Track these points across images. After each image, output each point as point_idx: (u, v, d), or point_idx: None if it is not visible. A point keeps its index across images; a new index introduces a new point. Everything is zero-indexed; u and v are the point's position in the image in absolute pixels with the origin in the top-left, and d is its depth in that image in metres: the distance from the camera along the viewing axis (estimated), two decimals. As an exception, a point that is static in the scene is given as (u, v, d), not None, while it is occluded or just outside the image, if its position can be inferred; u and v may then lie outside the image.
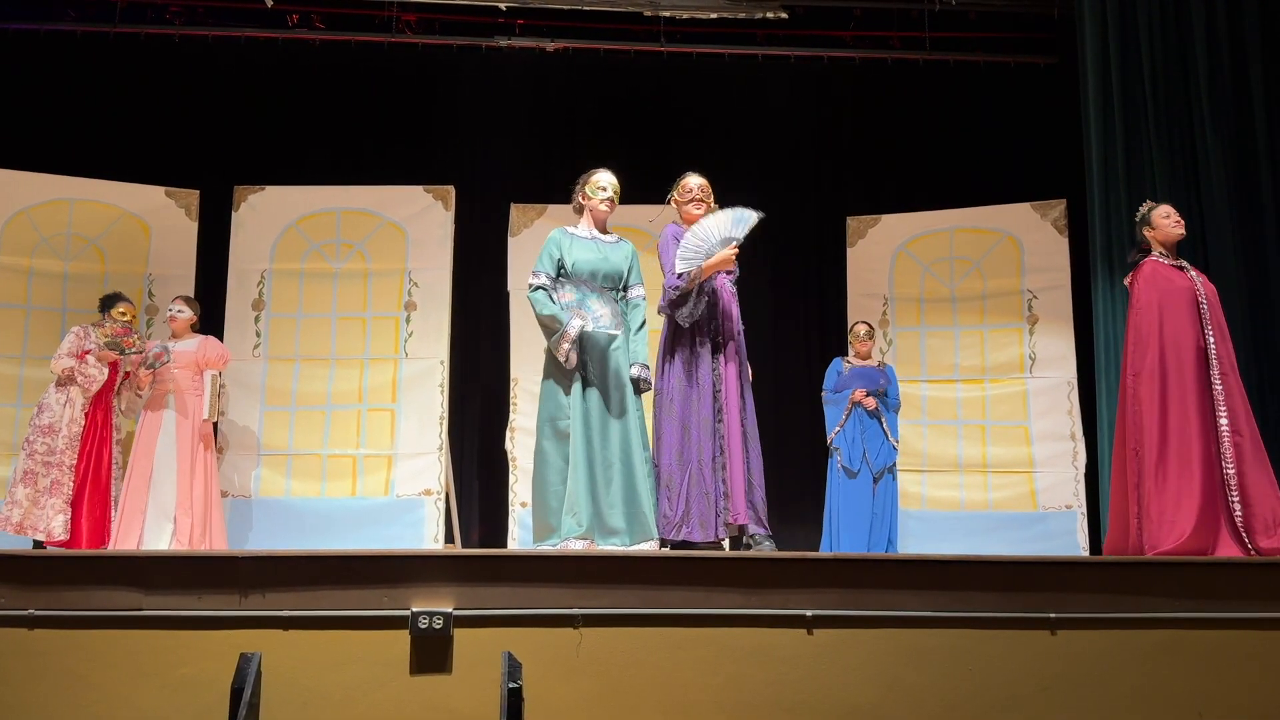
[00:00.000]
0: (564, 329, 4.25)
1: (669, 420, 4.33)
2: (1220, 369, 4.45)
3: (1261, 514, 4.31)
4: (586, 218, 4.51)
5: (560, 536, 4.14)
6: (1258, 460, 4.38)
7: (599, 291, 4.34)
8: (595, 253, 4.42)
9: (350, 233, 6.74)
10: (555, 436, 4.27)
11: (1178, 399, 4.44)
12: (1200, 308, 4.52)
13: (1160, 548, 4.31)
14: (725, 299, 4.44)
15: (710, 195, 4.54)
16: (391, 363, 6.56)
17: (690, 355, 4.35)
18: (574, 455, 4.19)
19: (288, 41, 7.65)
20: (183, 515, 5.67)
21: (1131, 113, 6.22)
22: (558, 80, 7.93)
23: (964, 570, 3.56)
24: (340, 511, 6.31)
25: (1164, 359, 4.48)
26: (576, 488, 4.16)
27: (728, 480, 4.25)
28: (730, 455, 4.27)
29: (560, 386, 4.30)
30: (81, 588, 3.44)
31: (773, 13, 7.39)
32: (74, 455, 5.65)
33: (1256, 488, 4.34)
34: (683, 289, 4.32)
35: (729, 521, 4.23)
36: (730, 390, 4.34)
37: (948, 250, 7.17)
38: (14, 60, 7.41)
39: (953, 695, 3.40)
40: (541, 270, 4.38)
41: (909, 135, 7.93)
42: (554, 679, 3.34)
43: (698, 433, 4.27)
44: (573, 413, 4.24)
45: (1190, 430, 4.40)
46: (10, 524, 5.52)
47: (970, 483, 6.86)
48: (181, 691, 3.32)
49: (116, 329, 5.81)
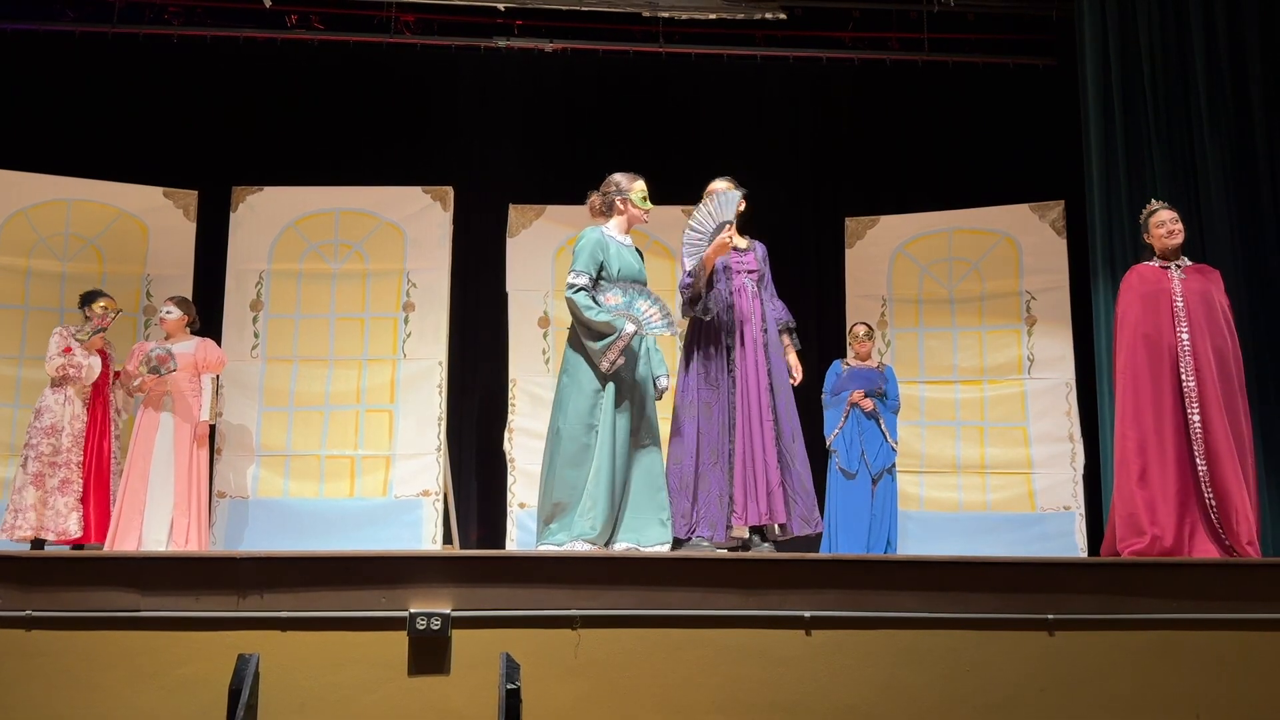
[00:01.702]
0: (618, 335, 4.16)
1: (686, 419, 4.35)
2: (1194, 366, 4.48)
3: (1239, 510, 4.33)
4: (621, 222, 4.48)
5: (571, 535, 4.12)
6: (1233, 457, 4.40)
7: (644, 293, 4.32)
8: (633, 257, 4.43)
9: (348, 233, 6.73)
10: (583, 434, 4.19)
11: (1153, 399, 4.51)
12: (1175, 307, 4.56)
13: (1134, 546, 4.34)
14: (744, 301, 4.44)
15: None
16: (390, 363, 6.55)
17: (708, 355, 4.37)
18: (600, 460, 4.15)
19: (286, 42, 7.64)
20: (180, 516, 5.67)
21: (1130, 114, 6.22)
22: (556, 81, 7.93)
23: (962, 571, 3.56)
24: (338, 512, 6.30)
25: (1141, 359, 4.56)
26: (597, 493, 4.13)
27: (736, 481, 4.25)
28: (747, 456, 4.26)
29: (596, 385, 4.22)
30: (80, 588, 3.44)
31: (771, 13, 7.39)
32: (80, 452, 5.67)
33: (1234, 483, 4.37)
34: (693, 285, 4.36)
35: (731, 524, 4.23)
36: (749, 391, 4.33)
37: (946, 251, 7.17)
38: (12, 60, 7.40)
39: (950, 696, 3.41)
40: (584, 270, 4.27)
41: (908, 136, 7.93)
42: (552, 680, 3.34)
43: (711, 433, 4.28)
44: (604, 416, 4.19)
45: (1165, 430, 4.46)
46: (19, 532, 5.51)
47: (968, 484, 6.86)
48: (179, 692, 3.32)
49: (95, 320, 5.78)
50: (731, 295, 4.41)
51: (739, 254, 4.56)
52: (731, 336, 4.38)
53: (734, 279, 4.43)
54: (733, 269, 4.49)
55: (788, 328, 4.65)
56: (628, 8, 7.43)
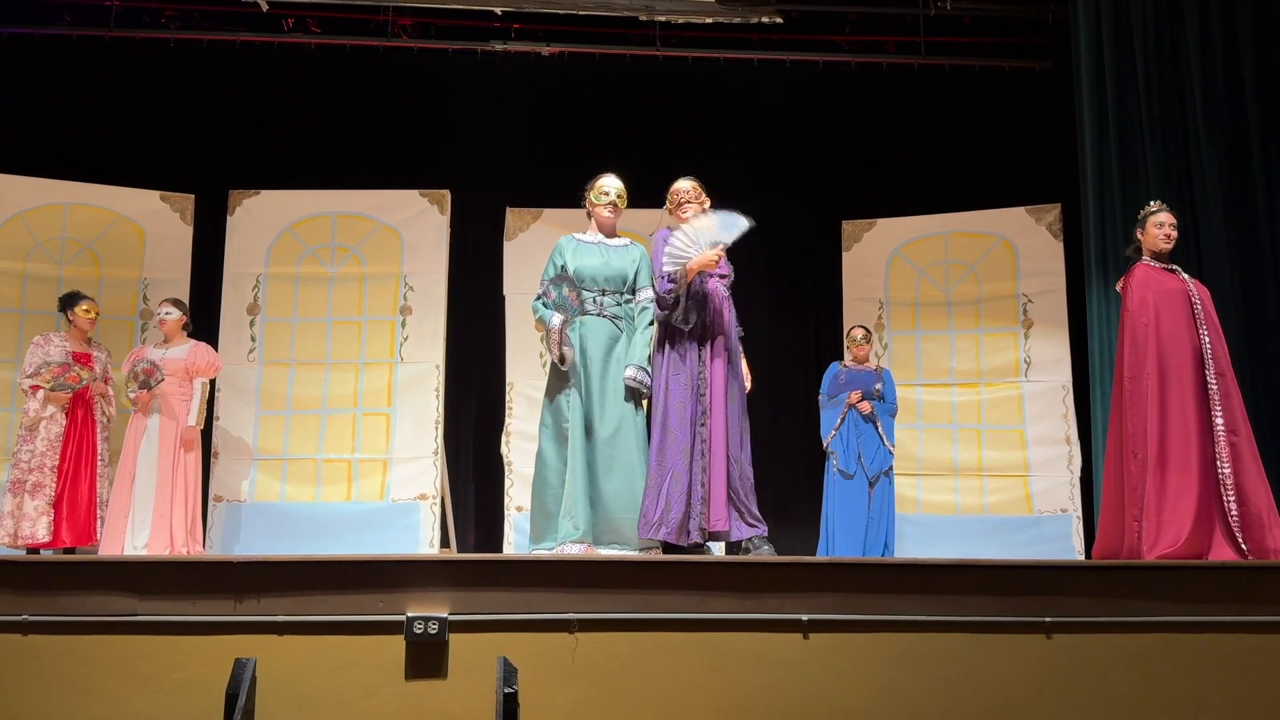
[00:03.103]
0: (547, 328, 4.31)
1: (655, 420, 4.32)
2: (1217, 368, 4.45)
3: (1257, 513, 4.32)
4: (593, 223, 4.58)
5: (557, 540, 4.15)
6: (1253, 460, 4.40)
7: (600, 294, 4.38)
8: (598, 258, 4.45)
9: (346, 236, 6.73)
10: (556, 439, 4.30)
11: (1176, 400, 4.43)
12: (1194, 308, 4.54)
13: (1157, 550, 4.31)
14: (716, 301, 4.43)
15: (700, 196, 4.50)
16: (387, 367, 6.55)
17: (678, 356, 4.33)
18: (572, 459, 4.22)
19: (283, 46, 7.65)
20: (160, 522, 5.64)
21: (1126, 117, 6.23)
22: (553, 84, 7.94)
23: (959, 574, 3.56)
24: (335, 516, 6.30)
25: (1162, 360, 4.47)
26: (575, 492, 4.18)
27: (707, 484, 4.22)
28: (711, 459, 4.25)
29: (562, 389, 4.33)
30: (76, 593, 3.43)
31: (768, 18, 7.40)
32: (55, 456, 5.63)
33: (1252, 488, 4.35)
34: (674, 291, 4.32)
35: (703, 526, 4.19)
36: (716, 393, 4.31)
37: (943, 254, 7.18)
38: (9, 64, 7.40)
39: (948, 699, 3.41)
40: (544, 278, 4.44)
41: (904, 139, 7.95)
42: (549, 684, 3.34)
43: (680, 434, 4.24)
44: (572, 416, 4.26)
45: (1189, 431, 4.40)
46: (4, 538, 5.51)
47: (965, 486, 6.87)
48: (176, 696, 3.32)
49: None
50: (705, 299, 4.39)
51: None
52: (704, 341, 4.36)
53: (706, 282, 4.41)
54: (706, 273, 4.45)
55: (740, 336, 4.64)
56: (624, 12, 7.44)
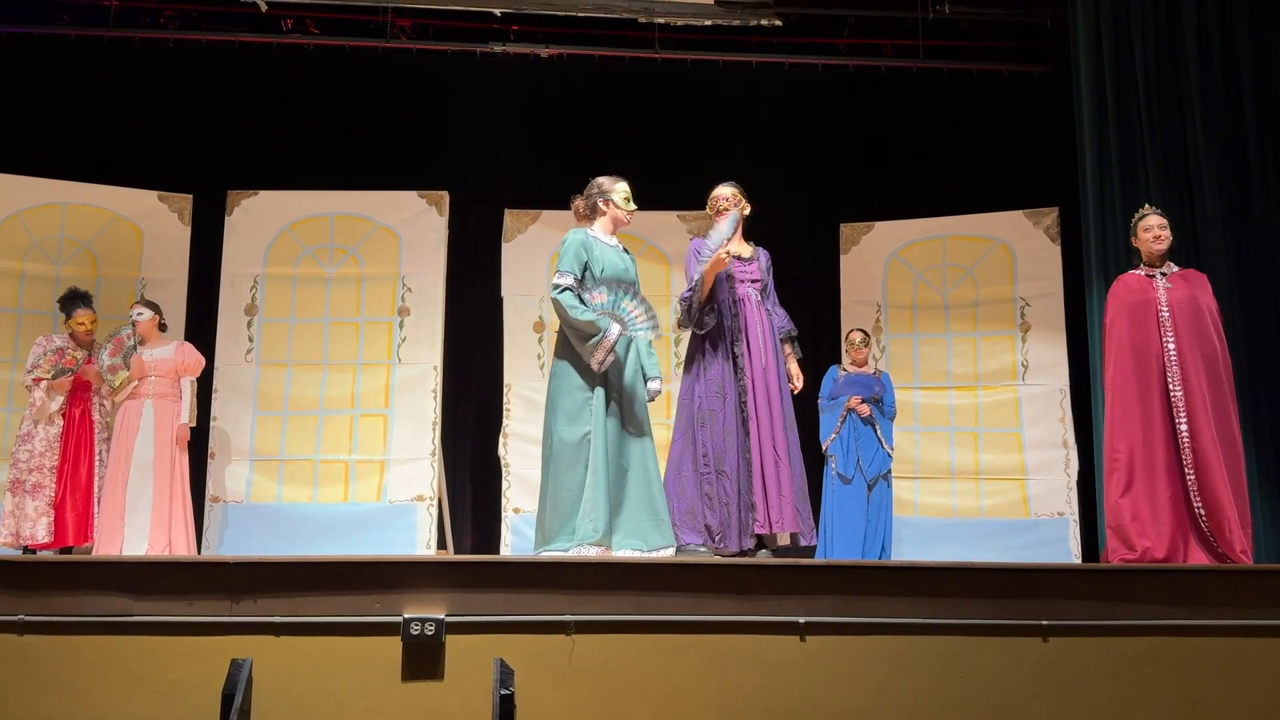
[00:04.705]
0: (603, 335, 4.17)
1: (688, 427, 4.37)
2: (1181, 375, 4.49)
3: (1230, 519, 4.34)
4: (606, 223, 4.49)
5: (574, 541, 4.12)
6: (1219, 465, 4.41)
7: (631, 293, 4.31)
8: (618, 258, 4.43)
9: (344, 237, 6.73)
10: (575, 437, 4.19)
11: (1143, 409, 4.52)
12: (1160, 316, 4.57)
13: (1126, 556, 4.35)
14: (749, 310, 4.49)
15: (740, 201, 4.67)
16: (385, 368, 6.55)
17: (714, 364, 4.40)
18: (594, 461, 4.15)
19: (282, 46, 7.64)
20: (159, 523, 5.63)
21: (1124, 120, 6.24)
22: (552, 86, 7.94)
23: (956, 577, 3.57)
24: (332, 517, 6.29)
25: (1129, 370, 4.58)
26: (596, 495, 4.13)
27: (755, 490, 4.29)
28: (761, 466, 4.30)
29: (584, 387, 4.23)
30: (72, 593, 3.43)
31: (767, 20, 7.40)
32: (54, 456, 5.62)
33: (1224, 493, 4.38)
34: (691, 300, 4.40)
35: (754, 533, 4.27)
36: (759, 402, 4.37)
37: (941, 257, 7.18)
38: (7, 63, 7.38)
39: (945, 702, 3.41)
40: (568, 270, 4.29)
41: (902, 142, 7.95)
42: (546, 685, 3.34)
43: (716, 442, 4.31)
44: (595, 418, 4.19)
45: (1155, 440, 4.47)
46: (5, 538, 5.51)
47: (963, 489, 6.87)
48: (172, 697, 3.31)
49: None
50: (736, 305, 4.45)
51: (743, 263, 4.64)
52: (738, 346, 4.41)
53: (737, 288, 4.48)
54: (736, 278, 4.55)
55: (790, 336, 4.71)
56: (623, 14, 7.44)
